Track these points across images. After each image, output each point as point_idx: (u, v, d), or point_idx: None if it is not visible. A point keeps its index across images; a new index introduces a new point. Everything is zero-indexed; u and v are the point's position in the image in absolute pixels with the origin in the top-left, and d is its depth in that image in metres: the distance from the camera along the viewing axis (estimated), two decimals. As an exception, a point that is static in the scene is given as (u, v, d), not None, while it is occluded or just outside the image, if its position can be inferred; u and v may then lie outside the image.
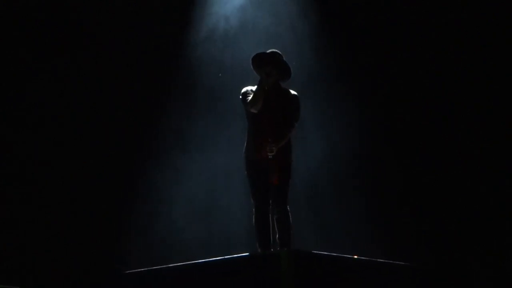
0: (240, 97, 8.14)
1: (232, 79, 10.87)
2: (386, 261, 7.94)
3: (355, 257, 7.74)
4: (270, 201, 7.99)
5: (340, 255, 7.64)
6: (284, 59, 8.15)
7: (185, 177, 11.15)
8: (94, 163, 10.97)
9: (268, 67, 7.98)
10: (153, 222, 11.00)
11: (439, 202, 10.54)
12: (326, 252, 7.58)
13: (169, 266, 7.83)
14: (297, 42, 11.03)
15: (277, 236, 7.93)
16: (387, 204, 10.70)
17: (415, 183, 10.70)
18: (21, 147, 10.93)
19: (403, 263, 8.07)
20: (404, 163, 10.81)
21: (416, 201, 10.62)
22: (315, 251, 7.46)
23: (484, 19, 10.64)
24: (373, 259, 7.83)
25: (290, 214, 7.97)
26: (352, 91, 10.98)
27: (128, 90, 11.19)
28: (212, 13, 11.41)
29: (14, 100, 10.97)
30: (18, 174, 10.88)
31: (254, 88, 8.03)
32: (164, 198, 11.10)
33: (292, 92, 8.21)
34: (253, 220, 8.03)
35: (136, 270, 8.05)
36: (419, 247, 10.21)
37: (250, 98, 7.97)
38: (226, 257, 7.57)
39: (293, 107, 8.11)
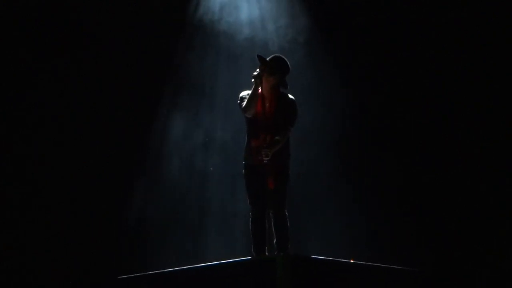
0: (238, 101, 8.13)
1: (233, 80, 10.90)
2: (382, 265, 7.94)
3: (352, 261, 7.74)
4: (267, 206, 7.97)
5: (337, 259, 7.64)
6: (288, 66, 8.08)
7: (182, 181, 11.21)
8: (94, 163, 10.98)
9: (262, 70, 7.94)
10: (150, 226, 11.02)
11: (437, 205, 10.54)
12: (323, 256, 7.57)
13: (165, 271, 7.84)
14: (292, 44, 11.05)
15: (274, 241, 7.94)
16: (384, 207, 10.71)
17: (412, 186, 10.71)
18: (21, 147, 10.93)
19: (400, 267, 8.07)
20: (401, 164, 10.82)
21: (414, 205, 10.63)
22: (311, 256, 7.46)
23: (484, 19, 10.63)
24: (370, 263, 7.83)
25: (287, 218, 7.96)
26: (350, 92, 11.00)
27: (127, 90, 11.18)
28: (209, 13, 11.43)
29: (14, 100, 10.95)
30: (18, 174, 10.88)
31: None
32: (160, 202, 11.13)
33: (290, 96, 8.16)
34: (250, 224, 8.03)
35: (133, 275, 8.06)
36: (416, 251, 10.22)
37: (245, 103, 7.97)
38: (222, 261, 7.58)
39: (289, 112, 8.06)
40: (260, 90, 7.95)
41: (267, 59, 8.02)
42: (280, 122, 7.98)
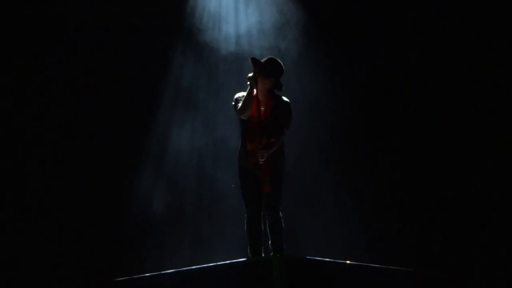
0: (233, 102, 8.14)
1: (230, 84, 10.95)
2: (379, 266, 7.95)
3: (348, 262, 7.74)
4: (262, 207, 7.99)
5: (333, 260, 7.64)
6: (283, 69, 8.11)
7: (179, 183, 11.25)
8: (91, 167, 10.99)
9: (256, 73, 7.96)
10: (146, 229, 11.03)
11: (432, 204, 10.54)
12: (319, 257, 7.57)
13: (161, 273, 7.85)
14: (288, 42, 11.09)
15: (269, 242, 7.95)
16: (379, 207, 10.72)
17: (407, 185, 10.73)
18: (21, 148, 10.93)
19: (396, 268, 8.07)
20: (396, 164, 10.83)
21: (409, 205, 10.64)
22: (307, 257, 7.46)
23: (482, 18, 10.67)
24: (366, 264, 7.85)
25: (282, 219, 7.97)
26: (348, 93, 11.02)
27: (127, 92, 11.22)
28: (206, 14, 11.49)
29: (12, 101, 10.97)
30: (16, 177, 10.89)
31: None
32: (157, 205, 11.15)
33: (284, 98, 8.17)
34: (245, 226, 8.05)
35: (129, 278, 8.06)
36: (412, 251, 10.24)
37: (240, 104, 7.98)
38: (218, 263, 7.60)
39: (284, 114, 8.08)
40: (255, 92, 7.97)
41: (261, 61, 8.05)
42: (275, 124, 8.00)
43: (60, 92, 11.17)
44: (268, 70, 8.00)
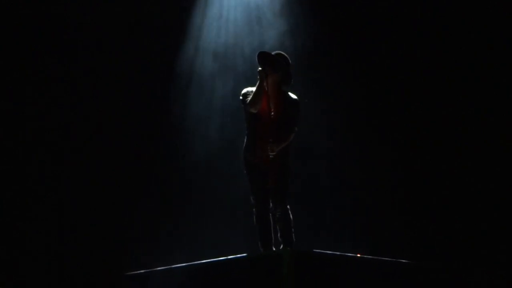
0: (240, 97, 8.14)
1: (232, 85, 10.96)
2: (389, 259, 7.94)
3: (358, 255, 7.74)
4: (270, 201, 8.02)
5: (343, 253, 7.64)
6: (289, 62, 8.14)
7: (187, 178, 11.26)
8: (97, 164, 11.01)
9: (267, 66, 7.97)
10: (155, 223, 11.00)
11: (439, 200, 10.56)
12: (329, 250, 7.57)
13: (171, 267, 7.84)
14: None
15: (278, 235, 7.96)
16: (389, 202, 10.74)
17: (412, 179, 10.75)
18: (22, 148, 10.91)
19: (406, 261, 8.07)
20: (402, 159, 10.85)
21: (416, 198, 10.67)
22: (317, 250, 7.44)
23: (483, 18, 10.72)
24: (376, 257, 7.84)
25: (290, 212, 7.97)
26: (350, 90, 11.05)
27: (127, 92, 11.23)
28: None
29: (12, 101, 10.95)
30: (20, 175, 10.86)
31: (254, 89, 8.03)
32: (166, 199, 11.14)
33: (293, 96, 8.20)
34: (254, 220, 8.06)
35: (137, 272, 8.05)
36: (422, 245, 10.26)
37: (249, 98, 7.97)
38: (229, 257, 7.59)
39: (293, 112, 8.11)
40: (265, 87, 7.96)
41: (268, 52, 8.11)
42: (285, 120, 8.03)
43: (60, 92, 11.16)
44: (276, 66, 8.02)
